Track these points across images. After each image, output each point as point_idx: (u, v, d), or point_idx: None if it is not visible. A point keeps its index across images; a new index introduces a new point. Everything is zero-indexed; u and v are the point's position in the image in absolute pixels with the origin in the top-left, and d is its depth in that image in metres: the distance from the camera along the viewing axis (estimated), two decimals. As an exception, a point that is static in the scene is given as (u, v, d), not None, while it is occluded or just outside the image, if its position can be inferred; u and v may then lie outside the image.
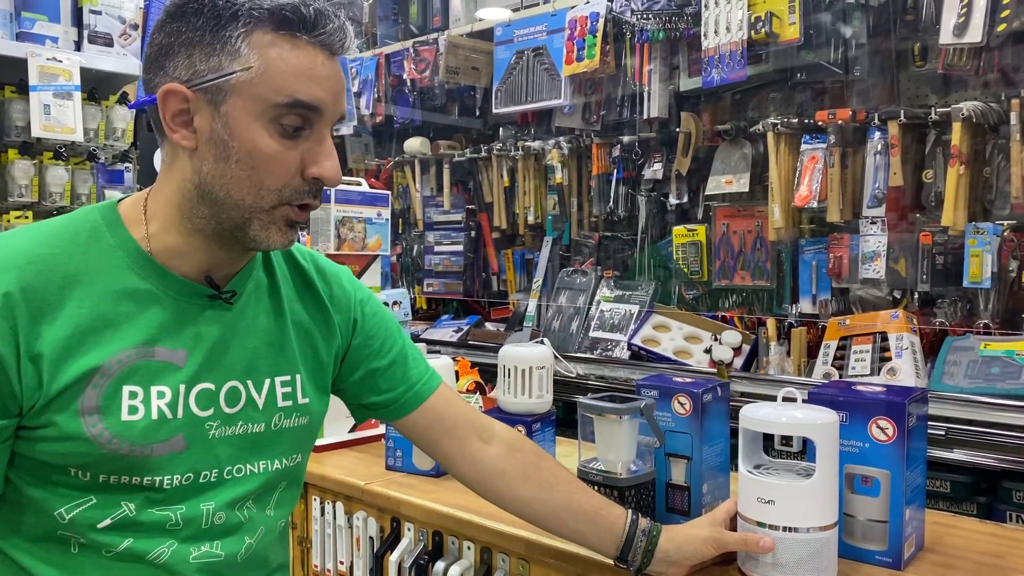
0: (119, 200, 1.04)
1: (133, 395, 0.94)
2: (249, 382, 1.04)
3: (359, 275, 1.92)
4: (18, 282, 0.90)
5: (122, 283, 0.96)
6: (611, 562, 1.20)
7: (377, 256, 1.96)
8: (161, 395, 0.96)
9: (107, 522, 0.94)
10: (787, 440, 1.13)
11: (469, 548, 1.43)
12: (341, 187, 1.90)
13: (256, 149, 0.92)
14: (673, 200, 2.88)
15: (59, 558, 0.95)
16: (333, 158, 0.97)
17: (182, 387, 0.98)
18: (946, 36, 2.13)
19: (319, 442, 1.76)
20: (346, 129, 3.54)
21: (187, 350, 0.99)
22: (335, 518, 1.64)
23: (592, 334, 2.89)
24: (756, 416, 1.17)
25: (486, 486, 1.23)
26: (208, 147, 0.93)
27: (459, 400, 1.26)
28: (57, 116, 2.09)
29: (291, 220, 0.97)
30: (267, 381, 1.06)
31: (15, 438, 0.93)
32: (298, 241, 1.04)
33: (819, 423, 1.14)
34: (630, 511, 1.20)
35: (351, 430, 1.85)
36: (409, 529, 1.52)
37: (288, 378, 1.08)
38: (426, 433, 1.22)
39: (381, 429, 1.86)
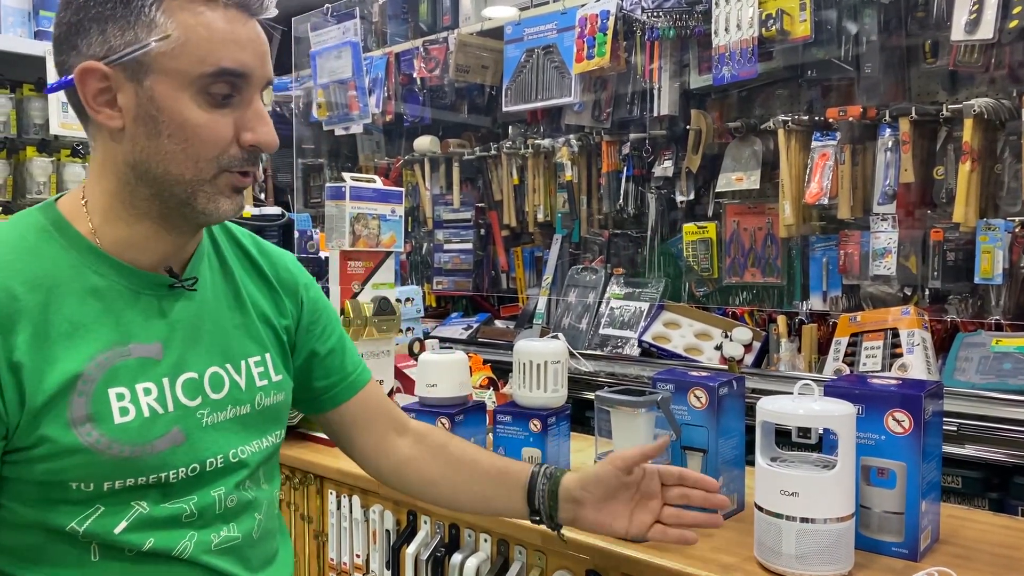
0: (56, 198, 1.00)
1: (120, 396, 0.91)
2: (228, 366, 1.03)
3: (373, 272, 1.93)
4: None
5: (82, 283, 0.92)
6: (626, 553, 1.20)
7: (391, 253, 1.97)
8: (148, 392, 0.94)
9: (123, 525, 0.92)
10: (804, 433, 1.14)
11: (486, 540, 1.44)
12: (355, 184, 1.91)
13: (187, 121, 0.89)
14: (680, 197, 2.88)
15: (79, 570, 0.92)
16: (267, 123, 0.94)
17: (166, 380, 0.96)
18: (957, 33, 2.13)
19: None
20: (356, 127, 3.56)
21: (161, 342, 0.97)
22: (351, 512, 1.65)
23: (602, 331, 2.90)
24: (775, 408, 1.18)
25: (400, 477, 1.24)
26: (137, 125, 0.90)
27: (383, 394, 1.27)
28: (74, 114, 2.11)
29: (235, 186, 0.95)
30: (243, 363, 1.05)
31: (4, 463, 0.89)
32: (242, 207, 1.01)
33: (842, 414, 1.15)
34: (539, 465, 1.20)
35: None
36: (425, 522, 1.53)
37: (259, 358, 1.08)
38: (350, 426, 1.22)
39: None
